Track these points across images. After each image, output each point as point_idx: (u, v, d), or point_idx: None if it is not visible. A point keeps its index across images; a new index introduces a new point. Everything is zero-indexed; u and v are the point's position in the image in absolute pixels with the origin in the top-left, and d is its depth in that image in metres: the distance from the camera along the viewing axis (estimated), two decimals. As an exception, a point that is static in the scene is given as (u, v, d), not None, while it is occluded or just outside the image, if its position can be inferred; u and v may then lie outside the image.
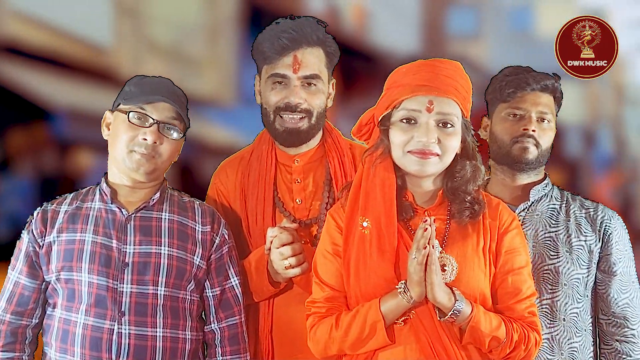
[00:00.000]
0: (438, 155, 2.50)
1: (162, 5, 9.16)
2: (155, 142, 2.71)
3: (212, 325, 2.80)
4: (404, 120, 2.52)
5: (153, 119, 2.72)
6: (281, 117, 2.91)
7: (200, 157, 9.17)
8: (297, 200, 2.95)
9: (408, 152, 2.51)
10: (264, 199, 2.95)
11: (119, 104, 2.77)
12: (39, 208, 2.80)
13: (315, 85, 2.92)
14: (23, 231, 2.79)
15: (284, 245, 2.80)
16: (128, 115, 2.72)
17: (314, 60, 2.92)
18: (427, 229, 2.42)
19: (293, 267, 2.81)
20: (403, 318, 2.49)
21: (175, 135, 2.76)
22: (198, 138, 8.86)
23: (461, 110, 2.54)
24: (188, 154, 9.96)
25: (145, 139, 2.70)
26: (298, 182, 2.96)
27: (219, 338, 2.80)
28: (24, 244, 2.77)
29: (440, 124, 2.50)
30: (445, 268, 2.48)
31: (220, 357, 2.80)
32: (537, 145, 2.98)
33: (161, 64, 8.98)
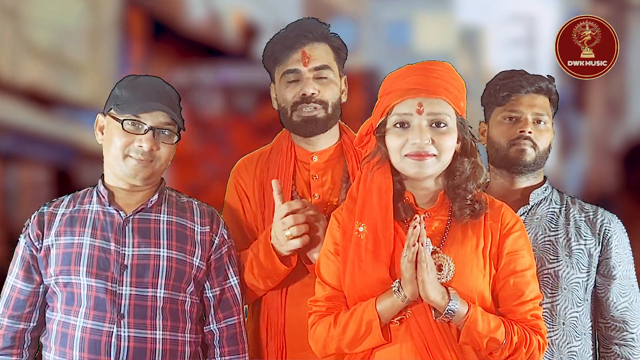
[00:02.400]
0: (435, 155, 2.53)
1: (43, 8, 9.02)
2: (152, 149, 2.71)
3: (211, 325, 2.82)
4: (397, 125, 2.54)
5: (147, 126, 2.71)
6: (297, 109, 2.97)
7: (78, 162, 9.05)
8: (315, 196, 3.00)
9: (405, 155, 2.53)
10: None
11: (111, 108, 2.75)
12: (36, 211, 2.79)
13: (326, 77, 2.99)
14: (21, 235, 2.78)
15: (287, 215, 2.82)
16: (122, 124, 2.70)
17: (322, 53, 3.00)
18: (416, 226, 2.43)
19: (295, 238, 2.82)
20: (399, 317, 2.51)
21: (170, 138, 2.76)
22: (76, 143, 8.75)
23: (454, 109, 2.55)
24: (65, 159, 9.83)
25: (141, 146, 2.70)
26: (316, 178, 3.02)
27: (218, 338, 2.81)
28: (20, 248, 2.77)
29: (433, 124, 2.53)
30: (442, 268, 2.50)
31: (219, 358, 2.80)
32: (534, 147, 3.00)
33: (41, 67, 8.84)
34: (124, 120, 2.71)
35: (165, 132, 2.76)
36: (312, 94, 2.96)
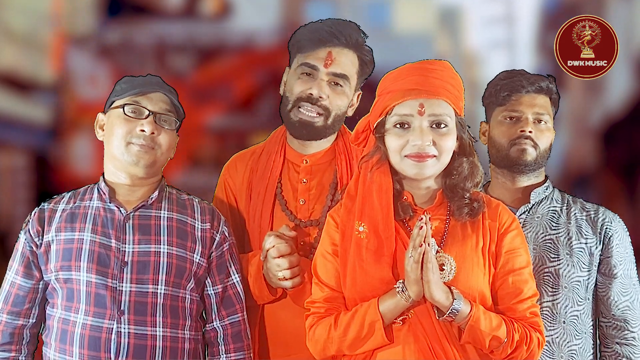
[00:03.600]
0: (435, 156, 2.53)
1: (19, -7, 8.95)
2: (153, 133, 2.72)
3: (215, 323, 2.82)
4: (398, 126, 2.54)
5: (149, 111, 2.73)
6: (299, 108, 2.91)
7: (57, 145, 8.99)
8: (301, 201, 2.96)
9: (405, 156, 2.53)
10: (264, 197, 2.96)
11: (112, 102, 2.77)
12: (37, 208, 2.78)
13: (341, 86, 2.92)
14: (21, 231, 2.78)
15: (282, 256, 2.80)
16: (123, 109, 2.72)
17: (347, 61, 2.92)
18: (422, 227, 2.43)
19: (287, 280, 2.81)
20: (401, 318, 2.50)
21: (171, 125, 2.78)
22: (54, 127, 8.69)
23: (454, 109, 2.55)
24: (44, 143, 9.74)
25: (143, 130, 2.71)
26: (304, 182, 2.97)
27: (222, 336, 2.81)
28: (20, 244, 2.77)
29: (434, 125, 2.53)
30: (443, 267, 2.49)
31: (224, 355, 2.81)
32: (535, 146, 3.00)
33: (17, 51, 8.79)
34: (125, 104, 2.74)
35: (167, 118, 2.78)
36: (320, 97, 2.91)
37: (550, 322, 2.93)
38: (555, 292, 2.94)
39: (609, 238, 2.99)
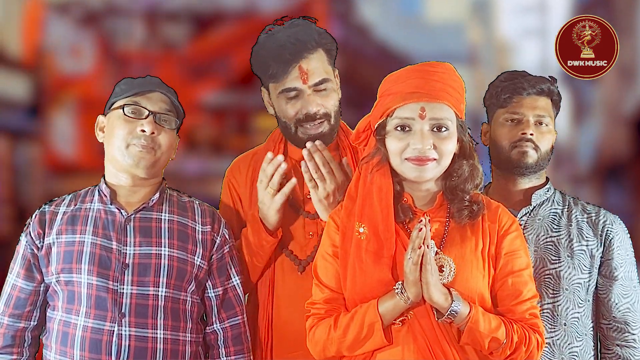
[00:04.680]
0: (435, 159, 2.53)
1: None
2: (153, 133, 2.73)
3: (215, 325, 2.84)
4: (399, 128, 2.54)
5: (148, 110, 2.74)
6: (303, 127, 2.93)
7: (37, 125, 8.92)
8: (308, 195, 2.96)
9: (405, 159, 2.54)
10: None
11: (112, 104, 2.79)
12: (37, 210, 2.80)
13: (326, 89, 2.94)
14: (22, 234, 2.80)
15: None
16: (123, 109, 2.74)
17: (318, 64, 2.94)
18: (422, 229, 2.44)
19: (276, 193, 2.86)
20: (401, 319, 2.52)
21: (171, 124, 2.79)
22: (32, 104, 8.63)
23: (455, 112, 2.56)
24: (23, 123, 9.69)
25: (144, 131, 2.72)
26: None
27: (222, 338, 2.83)
28: (21, 246, 2.78)
29: (435, 129, 2.53)
30: (443, 269, 2.51)
31: (225, 357, 2.83)
32: (536, 149, 3.00)
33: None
34: (125, 105, 2.75)
35: (166, 118, 2.79)
36: (317, 111, 2.92)
37: (551, 324, 2.93)
38: (556, 294, 2.94)
39: (610, 240, 2.99)
